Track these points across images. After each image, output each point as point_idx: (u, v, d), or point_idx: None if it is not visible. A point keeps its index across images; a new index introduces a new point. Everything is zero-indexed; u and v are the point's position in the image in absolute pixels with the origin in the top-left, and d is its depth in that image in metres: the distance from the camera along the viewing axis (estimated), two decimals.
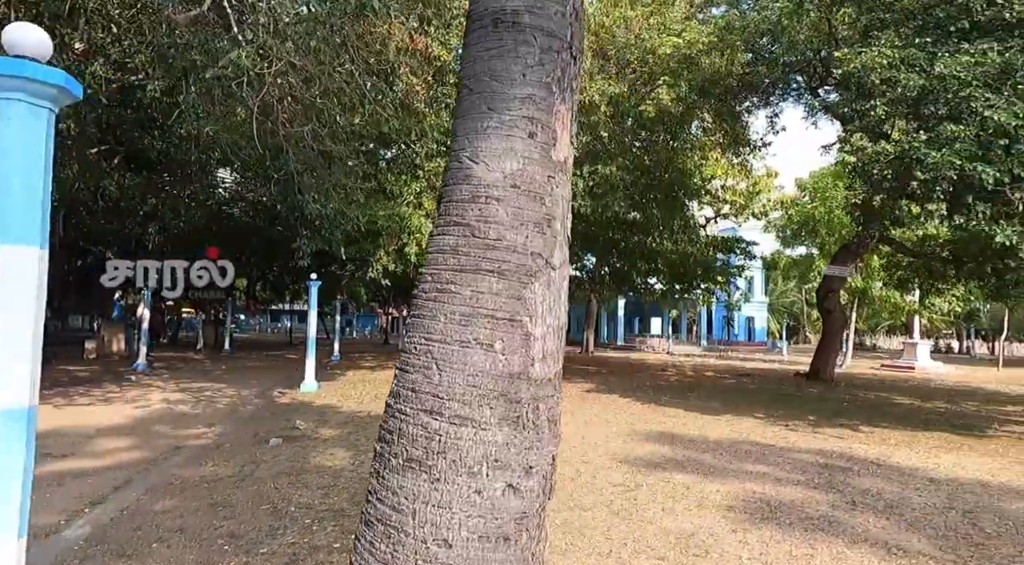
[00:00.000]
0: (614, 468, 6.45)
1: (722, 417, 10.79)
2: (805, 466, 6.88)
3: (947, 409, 13.83)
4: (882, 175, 8.34)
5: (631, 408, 11.62)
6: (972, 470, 7.09)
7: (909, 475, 6.65)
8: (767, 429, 9.59)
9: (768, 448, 7.91)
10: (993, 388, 20.04)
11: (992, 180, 7.34)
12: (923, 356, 29.77)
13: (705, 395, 14.66)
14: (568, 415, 10.27)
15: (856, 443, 8.67)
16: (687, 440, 8.25)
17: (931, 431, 10.17)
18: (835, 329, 19.01)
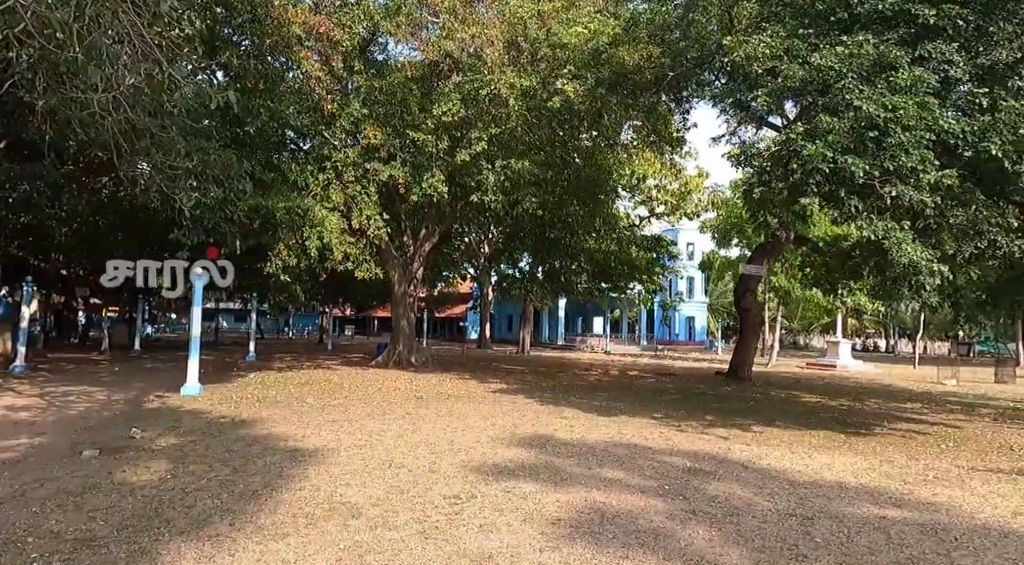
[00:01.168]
0: (459, 478, 5.91)
1: (617, 418, 10.45)
2: (668, 471, 6.51)
3: (849, 407, 13.96)
4: (763, 167, 8.13)
5: (529, 409, 11.16)
6: (839, 471, 6.88)
7: (771, 478, 6.37)
8: (655, 430, 9.28)
9: (642, 451, 7.54)
10: (902, 385, 20.63)
11: (862, 173, 7.17)
12: (844, 355, 30.62)
13: (615, 395, 14.37)
14: (456, 418, 9.72)
15: (739, 444, 8.42)
16: (561, 443, 7.81)
17: (822, 430, 10.09)
18: (752, 328, 19.16)
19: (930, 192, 7.16)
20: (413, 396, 12.56)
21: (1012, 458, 8.14)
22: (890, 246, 7.12)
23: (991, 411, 13.89)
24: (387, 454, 6.84)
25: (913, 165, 7.08)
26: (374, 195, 16.20)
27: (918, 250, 7.00)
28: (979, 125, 7.14)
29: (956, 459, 7.94)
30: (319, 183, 15.82)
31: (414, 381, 16.08)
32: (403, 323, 22.68)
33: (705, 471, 6.56)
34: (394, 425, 8.83)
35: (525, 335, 36.59)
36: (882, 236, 7.12)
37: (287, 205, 14.53)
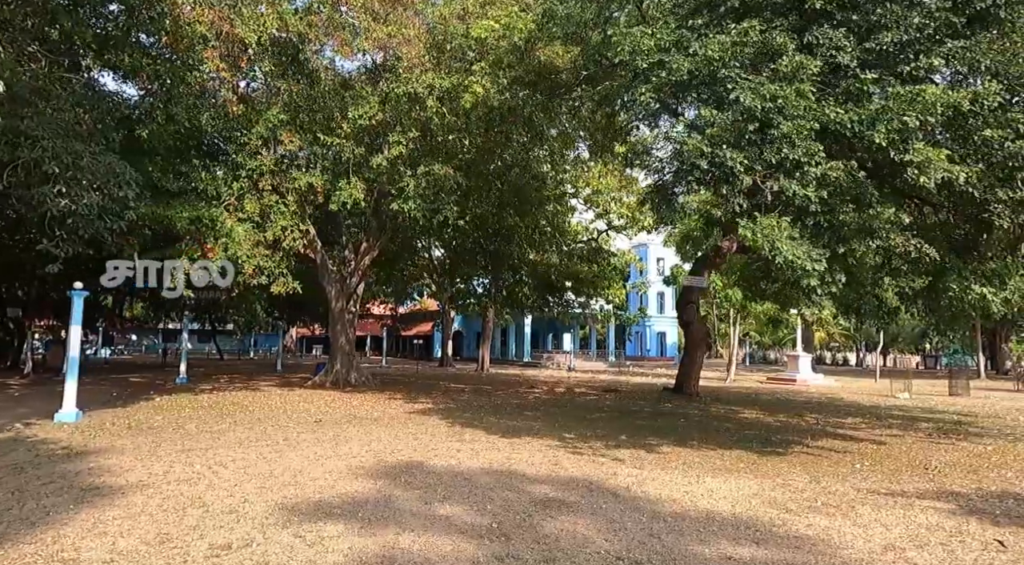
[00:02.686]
0: (259, 520, 5.04)
1: (519, 440, 9.64)
2: (518, 504, 5.71)
3: (783, 423, 13.31)
4: (650, 166, 7.50)
5: (430, 432, 10.30)
6: (719, 498, 6.14)
7: (635, 509, 5.60)
8: (549, 454, 8.48)
9: (510, 480, 6.74)
10: (852, 399, 20.12)
11: (741, 167, 6.56)
12: (804, 368, 30.20)
13: (541, 414, 13.58)
14: (335, 443, 8.83)
15: (631, 467, 7.66)
16: (426, 472, 6.97)
17: (737, 449, 9.38)
18: (695, 342, 18.54)
19: (816, 187, 6.56)
20: (313, 419, 11.62)
21: (922, 478, 7.48)
22: (762, 244, 6.48)
23: (931, 425, 13.34)
24: (205, 490, 5.95)
25: (797, 158, 6.48)
26: (293, 204, 15.39)
27: (795, 249, 6.37)
28: (867, 113, 6.58)
29: (863, 480, 7.26)
30: (233, 192, 14.97)
31: (334, 402, 15.13)
32: (341, 341, 21.75)
33: (563, 503, 5.77)
34: (255, 453, 7.92)
35: (484, 352, 35.72)
36: (759, 235, 6.48)
37: (191, 215, 13.65)
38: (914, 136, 6.39)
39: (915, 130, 6.34)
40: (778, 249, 6.33)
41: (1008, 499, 6.48)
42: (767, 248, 6.40)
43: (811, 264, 6.29)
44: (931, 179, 6.26)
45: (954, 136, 7.06)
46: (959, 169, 6.33)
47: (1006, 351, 42.91)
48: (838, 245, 6.73)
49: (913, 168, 6.32)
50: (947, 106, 6.35)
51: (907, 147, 6.31)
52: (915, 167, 6.30)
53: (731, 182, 6.69)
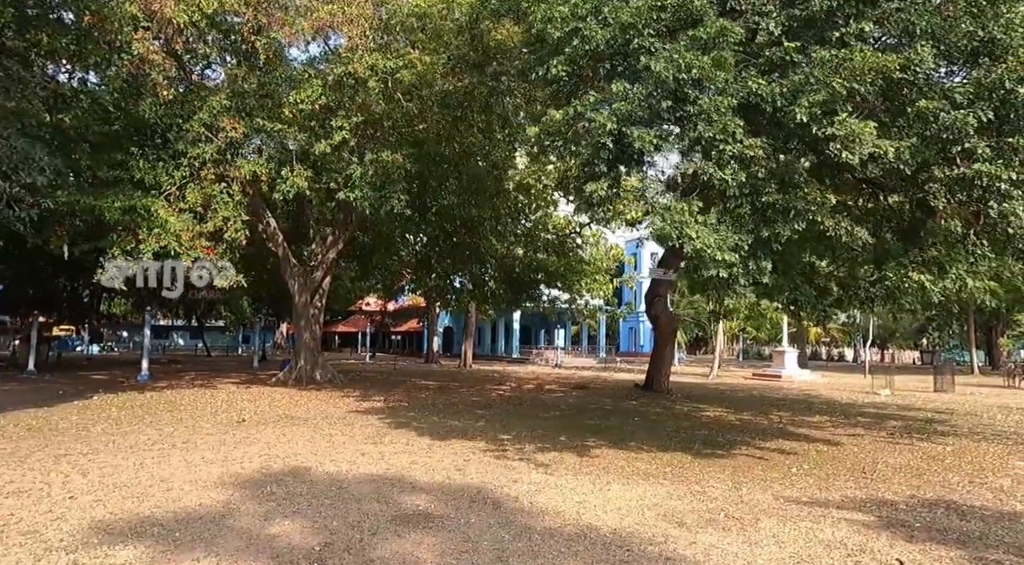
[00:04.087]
0: (51, 543, 4.45)
1: (443, 442, 9.02)
2: (376, 519, 5.09)
3: (742, 422, 12.67)
4: (553, 145, 6.85)
5: (349, 433, 9.69)
6: (613, 509, 5.51)
7: (503, 524, 4.98)
8: (462, 458, 7.87)
9: (391, 488, 6.14)
10: (830, 396, 19.46)
11: (650, 146, 5.90)
12: (790, 364, 29.55)
13: (492, 413, 12.98)
14: (234, 447, 8.23)
15: (538, 474, 7.04)
16: (300, 481, 6.34)
17: (674, 451, 8.74)
18: (664, 337, 17.90)
19: (736, 169, 5.90)
20: (237, 420, 11.03)
21: (857, 484, 6.84)
22: (668, 233, 5.84)
23: (900, 423, 12.68)
24: (30, 504, 5.34)
25: (712, 135, 5.82)
26: (238, 194, 14.76)
27: (706, 236, 5.72)
28: (790, 85, 5.92)
29: (789, 487, 6.63)
30: (175, 181, 14.36)
31: (280, 401, 14.56)
32: (305, 336, 21.17)
33: (429, 517, 5.15)
34: (135, 459, 7.31)
35: (467, 348, 35.20)
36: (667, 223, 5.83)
37: (124, 205, 13.04)
38: (841, 108, 5.72)
39: (842, 101, 5.68)
40: (687, 236, 5.68)
41: (939, 509, 5.84)
42: (674, 236, 5.76)
43: (722, 254, 5.64)
44: (856, 154, 5.59)
45: (888, 108, 6.39)
46: (889, 144, 5.66)
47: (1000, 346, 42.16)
48: (762, 230, 6.07)
49: (837, 143, 5.65)
50: (876, 72, 5.68)
51: (832, 120, 5.64)
52: (839, 141, 5.63)
53: (641, 164, 6.04)
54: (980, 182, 5.62)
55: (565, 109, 6.52)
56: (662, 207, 6.02)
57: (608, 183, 6.35)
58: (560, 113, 6.54)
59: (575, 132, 6.62)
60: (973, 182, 5.66)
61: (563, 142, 6.61)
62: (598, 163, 6.24)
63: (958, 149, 5.74)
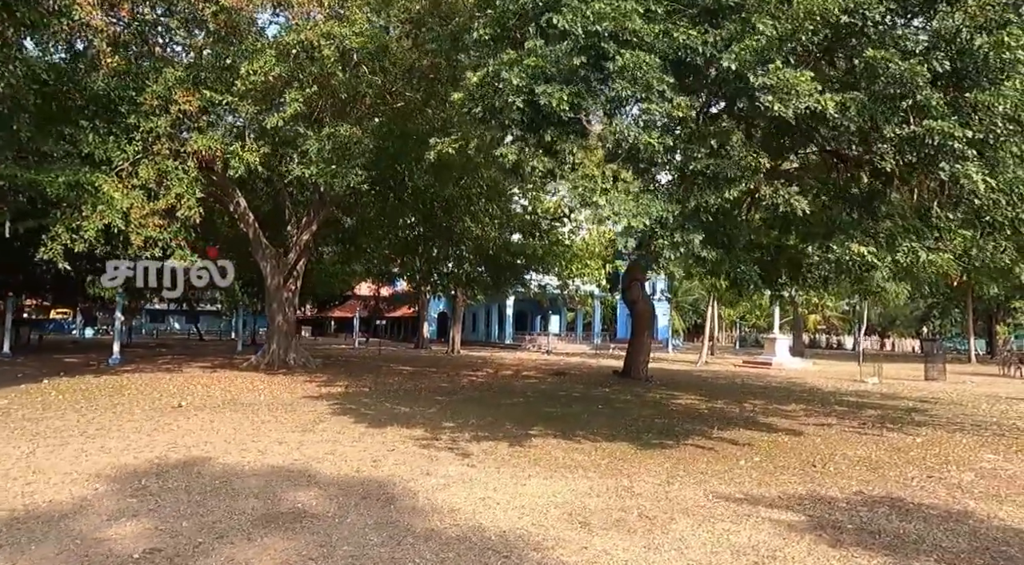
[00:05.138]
0: None
1: (377, 430, 8.52)
2: (244, 517, 4.59)
3: (711, 410, 12.12)
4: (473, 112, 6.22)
5: (282, 420, 9.20)
6: (511, 509, 4.97)
7: (380, 526, 4.47)
8: (386, 448, 7.38)
9: (286, 481, 5.64)
10: (814, 384, 18.89)
11: (565, 106, 5.28)
12: (781, 351, 28.98)
13: (449, 400, 12.50)
14: (143, 432, 7.75)
15: (457, 466, 6.53)
16: (190, 473, 5.83)
17: (621, 442, 8.21)
18: (642, 322, 17.32)
19: (661, 132, 5.29)
20: (175, 405, 10.55)
21: (802, 479, 6.28)
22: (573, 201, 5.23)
23: (877, 413, 12.12)
24: None
25: (634, 94, 5.19)
26: (193, 170, 14.17)
27: (617, 204, 5.11)
28: (725, 34, 5.27)
29: (727, 483, 6.08)
30: (127, 156, 13.79)
31: (237, 385, 14.13)
32: (278, 320, 20.70)
33: (303, 515, 4.63)
34: (26, 447, 6.81)
35: (455, 334, 34.77)
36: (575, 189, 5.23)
37: (68, 180, 12.48)
38: (778, 57, 5.07)
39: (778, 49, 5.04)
40: (594, 204, 5.09)
41: (881, 507, 5.28)
42: (579, 204, 5.16)
43: (636, 220, 5.04)
44: (789, 107, 4.96)
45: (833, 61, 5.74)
46: (829, 98, 5.02)
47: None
48: (689, 199, 5.46)
49: (769, 94, 5.02)
50: (819, 17, 5.02)
51: (766, 69, 4.99)
52: (771, 92, 4.99)
53: (557, 126, 5.43)
54: (931, 141, 5.00)
55: (483, 70, 5.88)
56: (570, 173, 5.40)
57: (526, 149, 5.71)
58: (478, 75, 5.91)
59: (491, 94, 5.98)
60: (924, 141, 5.03)
61: (481, 107, 5.99)
62: (511, 126, 5.63)
63: (908, 104, 5.10)
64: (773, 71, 4.93)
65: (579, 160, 5.44)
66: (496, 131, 5.86)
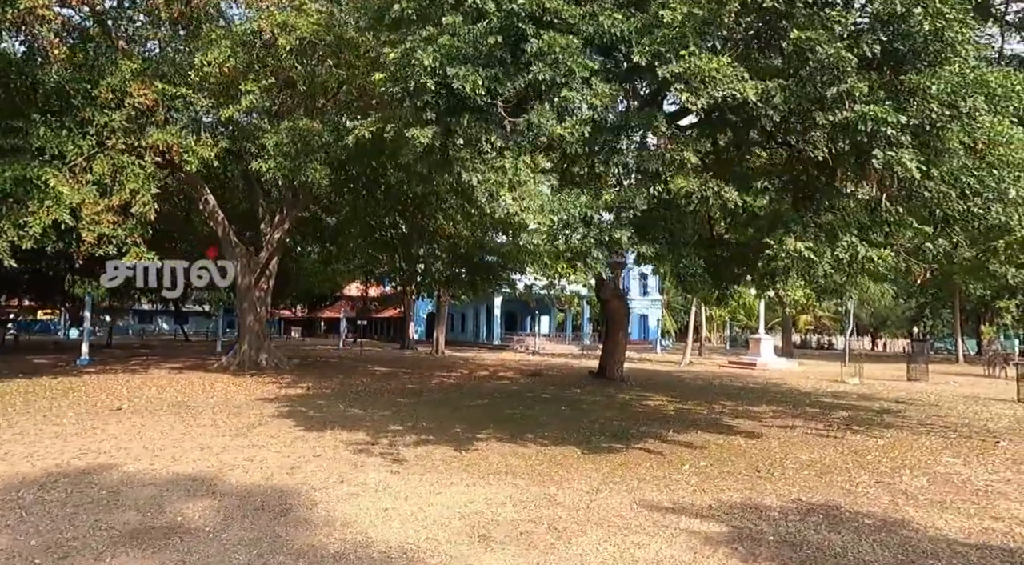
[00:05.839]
0: None
1: (318, 434, 8.18)
2: (102, 532, 4.23)
3: (677, 412, 11.78)
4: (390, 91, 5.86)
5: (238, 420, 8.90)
6: (410, 521, 4.62)
7: (245, 544, 4.11)
8: (316, 452, 7.03)
9: (182, 491, 5.28)
10: (793, 385, 18.57)
11: (478, 89, 4.93)
12: (766, 352, 28.70)
13: (411, 402, 12.17)
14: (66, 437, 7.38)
15: (377, 472, 6.18)
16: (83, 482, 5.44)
17: (569, 445, 7.87)
18: (616, 321, 16.97)
19: (578, 122, 4.94)
20: (115, 407, 10.18)
21: (744, 485, 5.94)
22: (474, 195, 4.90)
23: (848, 414, 11.80)
24: None
25: (551, 79, 4.84)
26: (150, 166, 13.78)
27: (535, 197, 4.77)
28: (645, 19, 4.92)
29: (662, 489, 5.74)
30: (81, 151, 13.40)
31: (194, 387, 13.75)
32: (249, 319, 20.29)
33: (175, 530, 4.28)
34: None
35: (439, 334, 34.40)
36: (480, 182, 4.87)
37: (15, 174, 12.10)
38: (696, 43, 4.73)
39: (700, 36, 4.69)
40: (500, 199, 4.74)
41: (815, 516, 4.94)
42: (482, 199, 4.83)
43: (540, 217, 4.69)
44: (701, 97, 4.62)
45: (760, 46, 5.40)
46: (750, 85, 4.68)
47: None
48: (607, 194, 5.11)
49: (680, 83, 4.67)
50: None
51: (677, 55, 4.65)
52: (681, 81, 4.65)
53: (472, 112, 5.07)
54: (864, 127, 4.66)
55: (400, 48, 5.51)
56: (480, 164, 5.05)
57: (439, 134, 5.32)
58: (395, 53, 5.54)
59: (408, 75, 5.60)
60: (856, 128, 4.69)
61: (400, 88, 5.62)
62: (426, 110, 5.27)
63: (838, 90, 4.76)
64: (683, 58, 4.57)
65: (495, 150, 5.10)
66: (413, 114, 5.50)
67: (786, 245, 5.10)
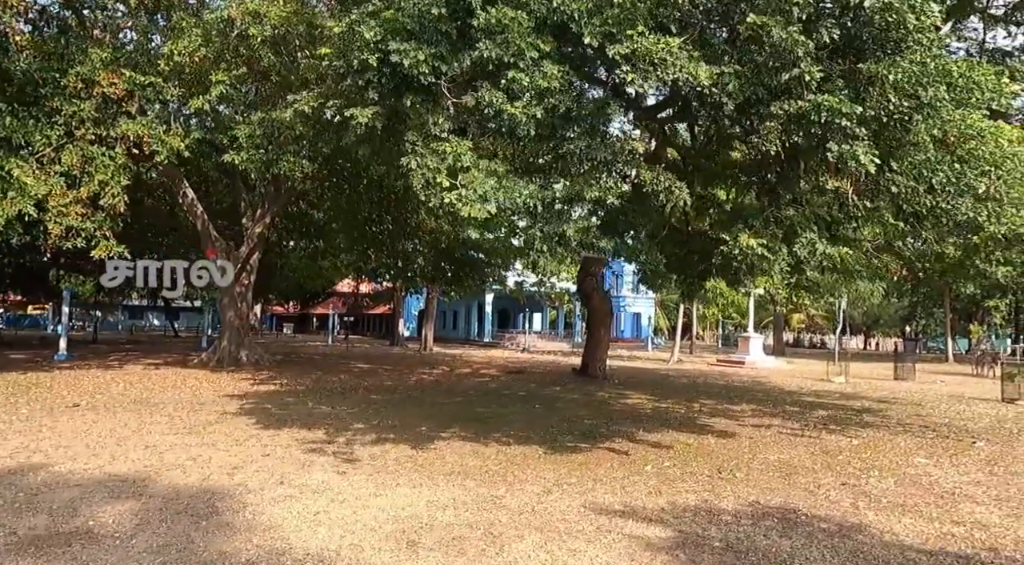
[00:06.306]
0: None
1: (274, 432, 7.94)
2: None
3: (653, 411, 11.55)
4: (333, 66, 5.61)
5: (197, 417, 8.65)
6: (337, 527, 4.38)
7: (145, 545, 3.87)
8: (264, 451, 6.79)
9: (109, 490, 5.04)
10: (777, 383, 18.38)
11: (426, 68, 4.68)
12: (755, 350, 28.54)
13: (382, 399, 11.95)
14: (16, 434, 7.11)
15: (324, 473, 5.94)
16: (10, 484, 5.22)
17: (532, 445, 7.63)
18: (598, 318, 16.74)
19: (533, 101, 4.69)
20: (71, 404, 9.91)
21: (700, 488, 5.72)
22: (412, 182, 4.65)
23: (827, 413, 11.60)
24: None
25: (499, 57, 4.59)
26: (120, 157, 13.48)
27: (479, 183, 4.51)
28: None
29: (617, 492, 5.51)
30: (49, 142, 13.10)
31: (164, 383, 13.50)
32: (230, 315, 20.03)
33: (80, 535, 4.04)
34: None
35: (427, 331, 34.15)
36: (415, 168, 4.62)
37: None
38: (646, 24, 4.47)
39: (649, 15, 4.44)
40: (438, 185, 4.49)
41: (769, 520, 4.73)
42: (417, 185, 4.58)
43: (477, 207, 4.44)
44: (648, 80, 4.38)
45: (719, 28, 5.16)
46: (703, 69, 4.43)
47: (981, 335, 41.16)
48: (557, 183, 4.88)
49: (627, 64, 4.43)
50: None
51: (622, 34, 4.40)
52: (629, 62, 4.40)
53: (416, 92, 4.81)
54: (817, 119, 4.42)
55: (345, 21, 5.20)
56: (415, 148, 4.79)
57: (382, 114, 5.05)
58: (339, 26, 5.25)
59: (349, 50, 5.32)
60: (810, 119, 4.46)
61: (344, 62, 5.34)
62: (368, 88, 5.02)
63: (786, 77, 4.52)
64: (630, 39, 4.32)
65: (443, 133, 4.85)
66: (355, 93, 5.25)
67: (740, 241, 4.86)
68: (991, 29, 12.30)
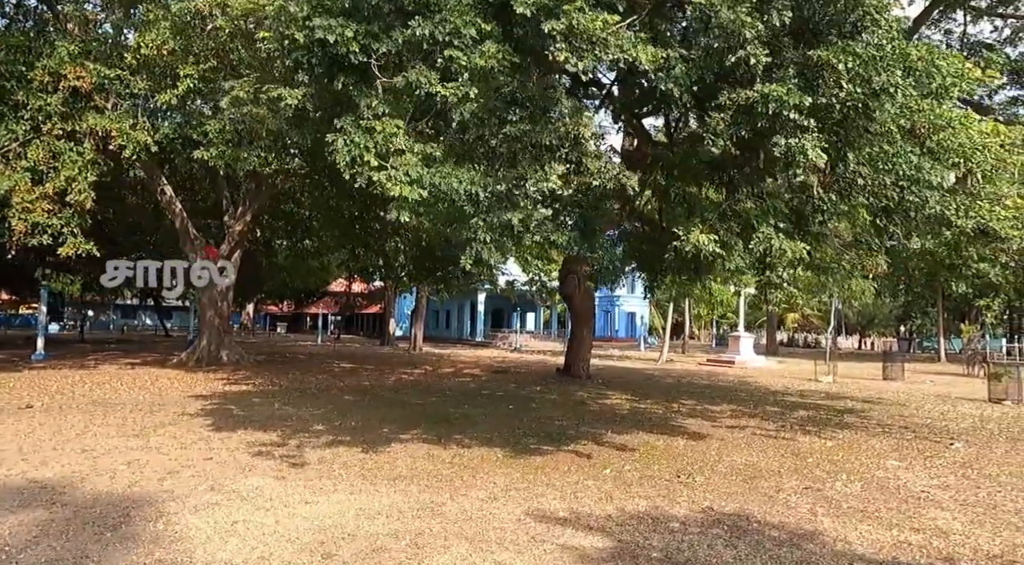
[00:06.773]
0: None
1: (226, 434, 7.67)
2: None
3: (631, 411, 11.29)
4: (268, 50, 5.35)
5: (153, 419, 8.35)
6: (241, 534, 4.12)
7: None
8: (199, 456, 6.53)
9: (18, 501, 4.74)
10: (763, 383, 18.14)
11: (356, 47, 4.41)
12: (745, 350, 28.29)
13: (359, 399, 11.73)
14: None
15: (263, 479, 5.67)
16: None
17: (493, 447, 7.38)
18: (581, 318, 16.48)
19: (471, 82, 4.43)
20: (23, 405, 9.62)
21: (655, 493, 5.45)
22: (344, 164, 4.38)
23: (808, 414, 11.36)
24: None
25: (432, 34, 4.32)
26: (89, 152, 13.19)
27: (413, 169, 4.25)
28: None
29: (567, 497, 5.25)
30: (16, 136, 12.83)
31: (131, 383, 13.22)
32: (210, 314, 19.72)
33: None
34: None
35: (416, 331, 33.88)
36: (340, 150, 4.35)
37: None
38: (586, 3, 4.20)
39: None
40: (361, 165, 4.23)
41: (720, 527, 4.45)
42: (342, 163, 4.32)
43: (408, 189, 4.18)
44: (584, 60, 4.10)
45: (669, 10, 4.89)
46: (646, 50, 4.17)
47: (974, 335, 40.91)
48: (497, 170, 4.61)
49: (562, 42, 4.16)
50: None
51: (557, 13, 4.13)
52: (564, 39, 4.14)
53: (347, 72, 4.55)
54: (765, 110, 4.17)
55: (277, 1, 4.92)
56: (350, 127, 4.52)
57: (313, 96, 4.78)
58: (272, 5, 4.97)
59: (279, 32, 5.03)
60: (757, 110, 4.20)
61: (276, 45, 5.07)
62: (298, 69, 4.75)
63: (732, 59, 4.26)
64: (567, 13, 4.05)
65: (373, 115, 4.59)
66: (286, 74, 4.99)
67: (691, 237, 4.60)
68: (975, 23, 12.06)
